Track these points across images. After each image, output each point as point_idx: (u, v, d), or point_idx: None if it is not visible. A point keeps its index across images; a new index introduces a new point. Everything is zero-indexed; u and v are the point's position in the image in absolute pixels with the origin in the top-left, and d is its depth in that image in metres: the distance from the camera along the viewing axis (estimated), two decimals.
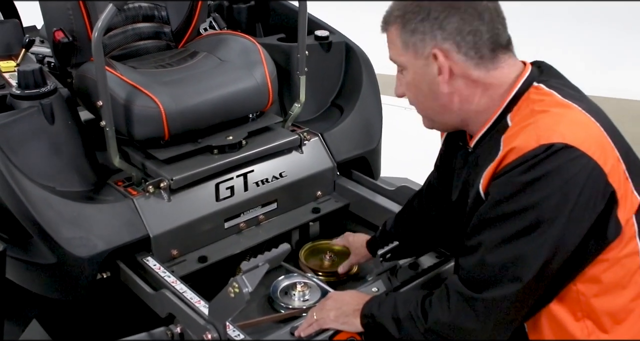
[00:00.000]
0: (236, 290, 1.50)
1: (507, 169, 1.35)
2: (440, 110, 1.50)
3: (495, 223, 1.37)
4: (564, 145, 1.30)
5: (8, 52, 2.44)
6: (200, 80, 2.22)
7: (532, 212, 1.31)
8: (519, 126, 1.40)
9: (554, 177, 1.29)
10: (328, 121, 2.56)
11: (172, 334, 1.80)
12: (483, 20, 1.40)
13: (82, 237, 1.97)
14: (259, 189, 2.26)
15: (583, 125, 1.37)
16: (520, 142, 1.34)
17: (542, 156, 1.30)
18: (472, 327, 1.40)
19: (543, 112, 1.39)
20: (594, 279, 1.39)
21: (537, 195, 1.30)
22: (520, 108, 1.44)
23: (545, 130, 1.33)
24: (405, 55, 1.46)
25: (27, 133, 2.02)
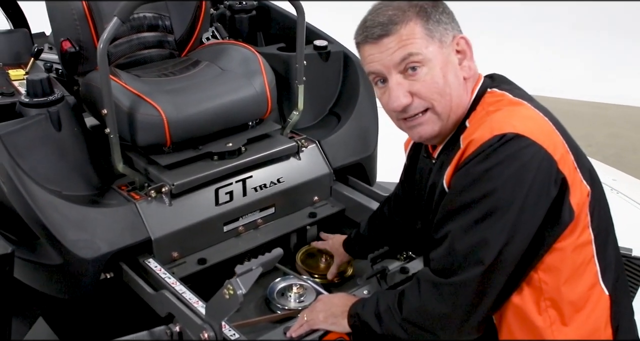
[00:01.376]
0: (231, 292, 1.56)
1: (466, 161, 1.42)
2: (458, 100, 1.52)
3: (458, 212, 1.42)
4: (515, 134, 1.37)
5: (17, 60, 2.50)
6: (202, 89, 2.27)
7: (490, 198, 1.37)
8: (475, 126, 1.49)
9: (508, 164, 1.36)
10: (325, 128, 2.61)
11: (171, 333, 1.84)
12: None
13: (87, 239, 2.02)
14: (257, 194, 2.31)
15: (533, 119, 1.47)
16: (476, 135, 1.42)
17: (495, 145, 1.37)
18: (442, 312, 1.45)
19: (497, 111, 1.49)
20: (554, 268, 1.45)
21: (493, 182, 1.37)
22: (477, 112, 1.53)
23: (498, 122, 1.42)
24: (432, 45, 1.47)
25: (35, 140, 2.07)
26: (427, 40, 1.47)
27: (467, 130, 1.50)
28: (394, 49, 1.47)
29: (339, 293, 1.84)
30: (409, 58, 1.47)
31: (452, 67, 1.51)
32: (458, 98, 1.52)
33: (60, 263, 2.03)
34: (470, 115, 1.54)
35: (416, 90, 1.49)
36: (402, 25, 1.46)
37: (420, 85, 1.49)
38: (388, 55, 1.48)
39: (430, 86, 1.49)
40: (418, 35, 1.46)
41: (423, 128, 1.55)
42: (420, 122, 1.54)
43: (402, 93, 1.49)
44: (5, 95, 2.23)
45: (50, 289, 2.18)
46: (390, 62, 1.48)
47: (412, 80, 1.49)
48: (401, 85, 1.49)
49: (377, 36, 1.48)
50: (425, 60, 1.47)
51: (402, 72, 1.49)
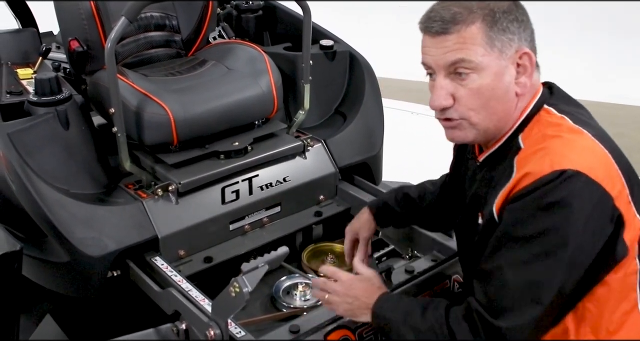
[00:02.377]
0: (237, 290, 1.56)
1: (522, 193, 1.36)
2: (502, 115, 1.47)
3: (512, 247, 1.37)
4: (575, 172, 1.32)
5: (26, 59, 2.52)
6: (208, 89, 2.29)
7: (546, 236, 1.33)
8: (531, 149, 1.42)
9: (566, 203, 1.32)
10: (331, 128, 2.61)
11: (177, 330, 1.86)
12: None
13: (94, 237, 2.03)
14: (264, 193, 2.32)
15: (593, 152, 1.39)
16: (534, 167, 1.36)
17: (556, 182, 1.32)
18: None
19: (555, 137, 1.41)
20: (601, 298, 1.42)
21: (551, 220, 1.33)
22: (533, 131, 1.46)
23: (558, 156, 1.36)
24: (489, 55, 1.40)
25: (43, 138, 2.08)
26: (486, 47, 1.40)
27: (523, 152, 1.44)
28: (449, 49, 1.41)
29: (361, 281, 1.68)
30: (461, 63, 1.41)
31: (506, 80, 1.43)
32: (503, 113, 1.46)
33: (68, 261, 2.05)
34: (523, 130, 1.48)
35: (459, 95, 1.44)
36: (464, 27, 1.39)
37: (464, 91, 1.43)
38: (441, 54, 1.42)
39: (475, 95, 1.43)
40: (477, 41, 1.39)
41: (456, 132, 1.50)
42: (454, 126, 1.49)
43: (443, 95, 1.45)
44: (14, 94, 2.25)
45: (58, 287, 2.20)
46: (441, 61, 1.43)
47: (458, 85, 1.43)
48: (446, 87, 1.45)
49: (435, 32, 1.42)
50: (477, 68, 1.41)
51: (450, 74, 1.44)
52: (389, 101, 4.90)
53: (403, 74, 5.56)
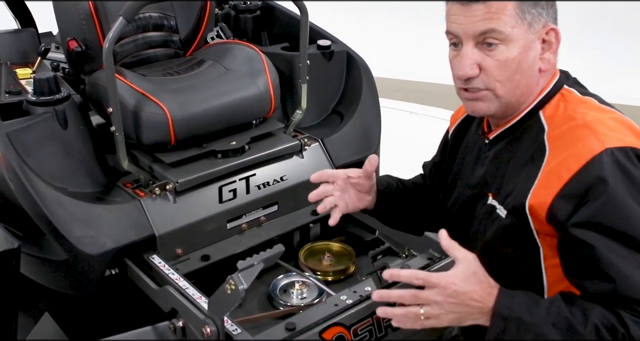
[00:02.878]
0: (232, 287, 1.57)
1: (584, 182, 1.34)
2: (525, 89, 1.47)
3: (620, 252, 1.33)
4: (630, 147, 1.35)
5: (25, 59, 2.53)
6: (206, 88, 2.31)
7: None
8: (564, 127, 1.42)
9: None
10: (329, 127, 2.63)
11: (174, 328, 1.86)
12: None
13: (92, 236, 2.05)
14: (261, 192, 2.34)
15: (631, 126, 1.43)
16: (582, 148, 1.36)
17: (628, 163, 1.34)
18: None
19: (588, 115, 1.42)
20: None
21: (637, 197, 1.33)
22: (558, 109, 1.47)
23: (602, 134, 1.37)
24: (519, 27, 1.40)
25: (41, 138, 2.10)
26: (516, 19, 1.40)
27: (552, 131, 1.44)
28: (480, 18, 1.40)
29: (464, 280, 1.38)
30: (491, 33, 1.40)
31: (532, 54, 1.44)
32: (526, 87, 1.47)
33: (66, 259, 2.07)
34: (544, 107, 1.49)
35: (486, 65, 1.43)
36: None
37: (491, 62, 1.43)
38: (471, 22, 1.41)
39: (502, 67, 1.43)
40: (509, 12, 1.39)
41: (479, 104, 1.49)
42: (477, 98, 1.48)
43: (470, 64, 1.44)
44: (13, 93, 2.27)
45: (56, 284, 2.22)
46: (470, 30, 1.42)
47: (486, 55, 1.43)
48: (473, 56, 1.43)
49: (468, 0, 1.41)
50: (506, 40, 1.40)
51: (479, 44, 1.43)
52: (388, 101, 4.92)
53: (402, 74, 5.59)
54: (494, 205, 1.54)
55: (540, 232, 1.44)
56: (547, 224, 1.41)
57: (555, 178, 1.38)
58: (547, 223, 1.41)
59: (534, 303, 1.36)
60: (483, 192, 1.58)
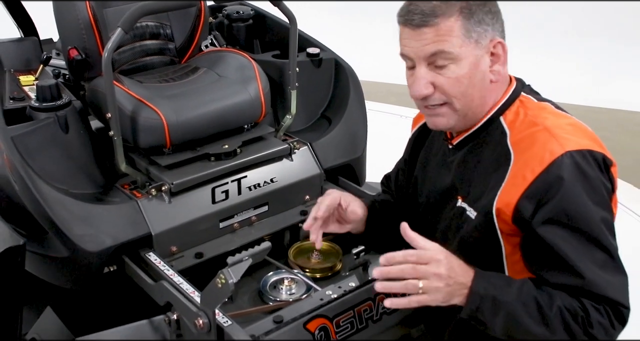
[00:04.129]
0: (223, 281, 1.67)
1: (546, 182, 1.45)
2: (480, 101, 1.56)
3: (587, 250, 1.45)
4: (586, 150, 1.46)
5: (27, 67, 2.61)
6: (200, 95, 2.39)
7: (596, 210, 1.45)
8: (525, 132, 1.52)
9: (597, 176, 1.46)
10: (317, 131, 2.71)
11: (169, 320, 1.96)
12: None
13: (92, 234, 2.13)
14: (252, 193, 2.43)
15: (586, 130, 1.55)
16: (543, 152, 1.46)
17: (585, 165, 1.45)
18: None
19: (547, 120, 1.53)
20: None
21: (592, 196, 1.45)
22: (518, 115, 1.56)
23: (562, 138, 1.48)
24: (467, 45, 1.49)
25: (44, 142, 2.18)
26: (463, 39, 1.48)
27: (514, 135, 1.54)
28: (429, 41, 1.49)
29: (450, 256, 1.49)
30: (440, 54, 1.49)
31: (482, 68, 1.53)
32: (481, 99, 1.56)
33: (67, 256, 2.14)
34: (504, 112, 1.58)
35: (439, 84, 1.52)
36: (443, 20, 1.47)
37: (444, 80, 1.51)
38: (421, 45, 1.50)
39: (454, 84, 1.51)
40: (455, 32, 1.47)
41: (439, 119, 1.59)
42: (437, 113, 1.58)
43: (424, 84, 1.53)
44: (17, 99, 2.35)
45: (58, 280, 2.29)
46: (421, 53, 1.51)
47: (438, 74, 1.52)
48: (426, 76, 1.52)
49: (416, 25, 1.49)
50: (456, 59, 1.49)
51: (430, 64, 1.52)
52: (381, 105, 5.00)
53: (394, 78, 5.68)
54: (463, 207, 1.65)
55: (504, 232, 1.55)
56: (512, 224, 1.52)
57: (520, 180, 1.49)
58: (512, 223, 1.52)
59: (507, 283, 1.47)
60: (452, 195, 1.69)
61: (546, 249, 1.47)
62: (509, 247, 1.56)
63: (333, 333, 1.87)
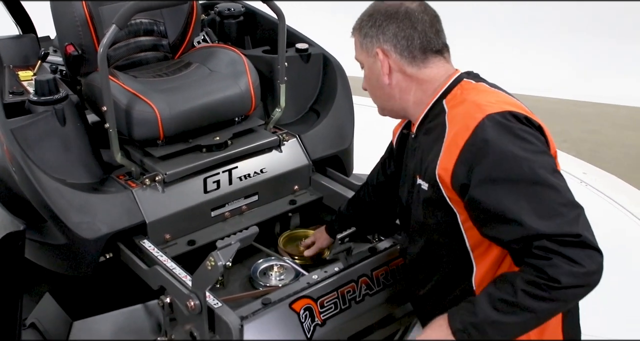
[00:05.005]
0: (212, 263, 1.75)
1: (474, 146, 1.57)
2: (386, 98, 1.82)
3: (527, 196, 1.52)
4: (507, 111, 1.59)
5: (26, 63, 2.68)
6: (192, 89, 2.47)
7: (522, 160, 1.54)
8: (458, 107, 1.67)
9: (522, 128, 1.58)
10: (306, 124, 2.80)
11: (163, 304, 2.03)
12: (415, 29, 1.72)
13: (89, 222, 2.20)
14: (242, 183, 2.51)
15: (511, 100, 1.69)
16: (466, 119, 1.60)
17: (492, 123, 1.57)
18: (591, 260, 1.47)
19: (475, 92, 1.70)
20: None
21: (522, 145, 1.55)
22: (455, 95, 1.72)
23: (485, 105, 1.62)
24: (362, 55, 1.80)
25: (42, 134, 2.25)
26: (360, 49, 1.81)
27: (450, 112, 1.68)
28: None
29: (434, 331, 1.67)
30: (357, 60, 1.84)
31: (376, 73, 1.78)
32: (387, 95, 1.80)
33: (65, 243, 2.22)
34: (446, 96, 1.73)
35: (364, 84, 1.87)
36: (352, 34, 1.83)
37: (364, 81, 1.86)
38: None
39: (365, 83, 1.86)
40: (356, 44, 1.82)
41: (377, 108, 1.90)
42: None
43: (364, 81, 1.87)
44: (16, 94, 2.42)
45: (57, 267, 2.37)
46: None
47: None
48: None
49: (352, 36, 1.85)
50: (363, 64, 1.83)
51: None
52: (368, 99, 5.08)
53: None
54: (420, 183, 1.77)
55: (451, 199, 1.66)
56: (453, 190, 1.64)
57: (454, 148, 1.62)
58: (452, 189, 1.63)
59: (472, 304, 1.58)
60: (414, 177, 1.80)
61: (489, 209, 1.55)
62: (462, 214, 1.67)
63: (317, 312, 1.96)
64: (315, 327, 1.96)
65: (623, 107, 5.46)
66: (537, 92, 5.53)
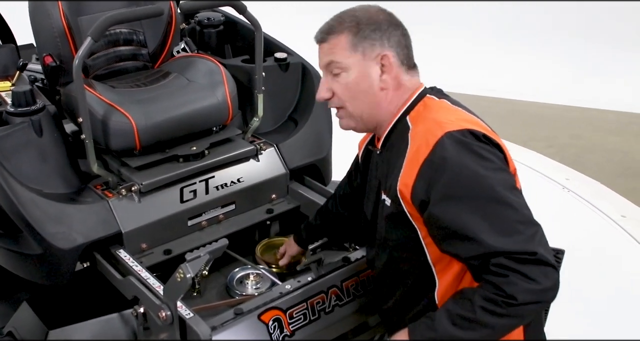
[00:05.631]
0: (182, 275, 1.78)
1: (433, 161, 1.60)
2: (372, 105, 1.76)
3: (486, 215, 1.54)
4: (465, 129, 1.62)
5: (5, 73, 2.68)
6: (169, 99, 2.49)
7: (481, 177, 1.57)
8: (420, 125, 1.70)
9: (480, 146, 1.60)
10: (284, 133, 2.81)
11: (137, 314, 2.06)
12: (408, 41, 1.77)
13: (64, 232, 2.22)
14: (219, 192, 2.53)
15: (472, 119, 1.72)
16: (428, 136, 1.63)
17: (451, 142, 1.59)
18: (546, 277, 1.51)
19: (437, 111, 1.72)
20: None
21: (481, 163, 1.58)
22: (418, 112, 1.75)
23: (445, 121, 1.65)
24: (353, 57, 1.71)
25: (19, 145, 2.26)
26: (350, 51, 1.72)
27: (413, 129, 1.71)
28: (324, 54, 1.77)
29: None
30: (332, 64, 1.75)
31: (372, 77, 1.73)
32: (373, 103, 1.76)
33: (41, 253, 2.23)
34: (409, 112, 1.75)
35: (334, 89, 1.77)
36: (334, 36, 1.74)
37: (337, 86, 1.76)
38: (321, 58, 1.78)
39: (345, 89, 1.76)
40: (343, 46, 1.72)
41: (342, 121, 1.84)
42: (340, 116, 1.83)
43: (324, 89, 1.79)
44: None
45: (33, 276, 2.38)
46: (321, 63, 1.79)
47: (334, 81, 1.76)
48: (327, 83, 1.78)
49: (317, 41, 1.78)
50: (345, 68, 1.73)
51: (329, 73, 1.77)
52: None
53: None
54: (384, 198, 1.79)
55: (412, 215, 1.69)
56: (413, 206, 1.66)
57: (414, 164, 1.65)
58: (412, 205, 1.66)
59: (431, 319, 1.62)
60: (379, 192, 1.83)
61: (447, 226, 1.59)
62: (423, 230, 1.69)
63: (286, 323, 1.99)
64: (284, 338, 1.99)
65: (610, 111, 5.49)
66: (524, 96, 5.56)
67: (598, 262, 3.36)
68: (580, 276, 3.01)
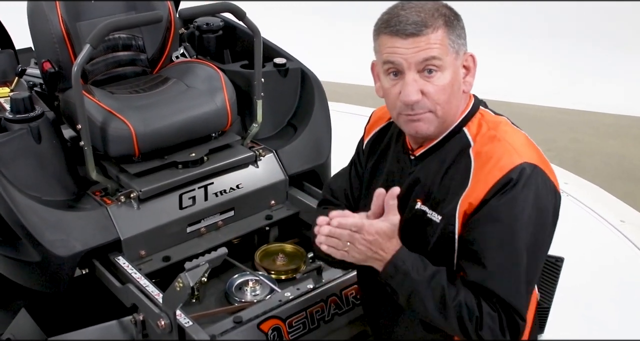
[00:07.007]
0: (181, 285, 1.78)
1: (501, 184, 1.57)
2: (455, 110, 1.66)
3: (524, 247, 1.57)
4: (534, 165, 1.59)
5: (3, 78, 2.69)
6: (168, 105, 2.48)
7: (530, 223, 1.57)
8: (488, 145, 1.64)
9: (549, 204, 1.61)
10: (283, 139, 2.81)
11: (135, 321, 2.07)
12: None
13: (63, 239, 2.22)
14: (218, 199, 2.53)
15: (535, 148, 1.68)
16: (504, 160, 1.58)
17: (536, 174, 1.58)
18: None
19: (506, 132, 1.66)
20: None
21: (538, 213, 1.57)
22: (480, 127, 1.67)
23: (523, 152, 1.61)
24: (450, 55, 1.58)
25: (17, 151, 2.26)
26: (448, 49, 1.58)
27: (477, 145, 1.65)
28: (421, 48, 1.56)
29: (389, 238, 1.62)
30: (431, 61, 1.56)
31: (459, 79, 1.63)
32: (456, 108, 1.66)
33: (39, 260, 2.23)
34: (467, 124, 1.68)
35: (427, 91, 1.59)
36: (433, 30, 1.56)
37: (432, 87, 1.58)
38: (413, 52, 1.56)
39: (440, 91, 1.59)
40: (444, 42, 1.57)
41: (421, 125, 1.64)
42: (421, 119, 1.63)
43: (415, 90, 1.58)
44: None
45: (31, 283, 2.38)
46: (413, 59, 1.57)
47: (426, 81, 1.58)
48: (416, 82, 1.58)
49: (409, 33, 1.55)
50: (442, 67, 1.58)
51: (419, 72, 1.58)
52: (359, 108, 5.10)
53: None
54: (424, 210, 1.72)
55: (458, 233, 1.65)
56: (462, 226, 1.63)
57: (482, 185, 1.60)
58: (463, 224, 1.63)
59: (424, 266, 1.60)
60: (412, 198, 1.75)
61: (474, 239, 1.59)
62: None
63: (286, 333, 1.99)
64: None
65: (609, 115, 5.48)
66: (521, 99, 5.55)
67: (596, 267, 3.35)
68: (578, 281, 3.00)
